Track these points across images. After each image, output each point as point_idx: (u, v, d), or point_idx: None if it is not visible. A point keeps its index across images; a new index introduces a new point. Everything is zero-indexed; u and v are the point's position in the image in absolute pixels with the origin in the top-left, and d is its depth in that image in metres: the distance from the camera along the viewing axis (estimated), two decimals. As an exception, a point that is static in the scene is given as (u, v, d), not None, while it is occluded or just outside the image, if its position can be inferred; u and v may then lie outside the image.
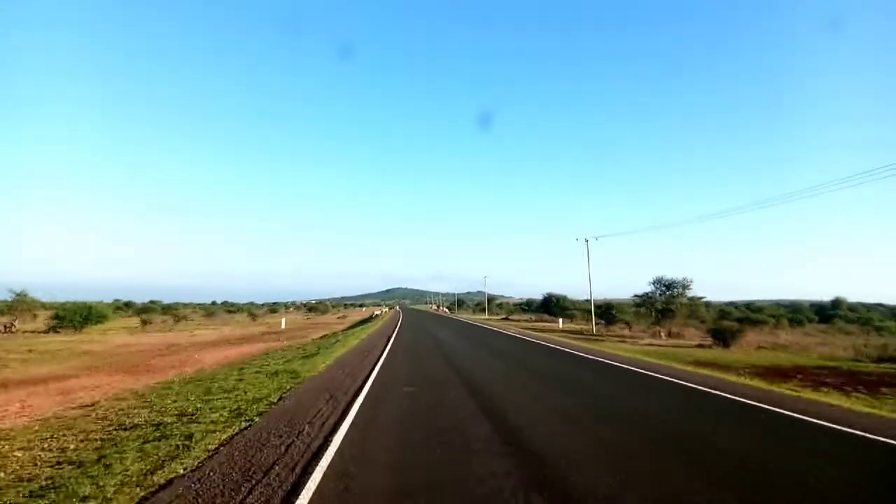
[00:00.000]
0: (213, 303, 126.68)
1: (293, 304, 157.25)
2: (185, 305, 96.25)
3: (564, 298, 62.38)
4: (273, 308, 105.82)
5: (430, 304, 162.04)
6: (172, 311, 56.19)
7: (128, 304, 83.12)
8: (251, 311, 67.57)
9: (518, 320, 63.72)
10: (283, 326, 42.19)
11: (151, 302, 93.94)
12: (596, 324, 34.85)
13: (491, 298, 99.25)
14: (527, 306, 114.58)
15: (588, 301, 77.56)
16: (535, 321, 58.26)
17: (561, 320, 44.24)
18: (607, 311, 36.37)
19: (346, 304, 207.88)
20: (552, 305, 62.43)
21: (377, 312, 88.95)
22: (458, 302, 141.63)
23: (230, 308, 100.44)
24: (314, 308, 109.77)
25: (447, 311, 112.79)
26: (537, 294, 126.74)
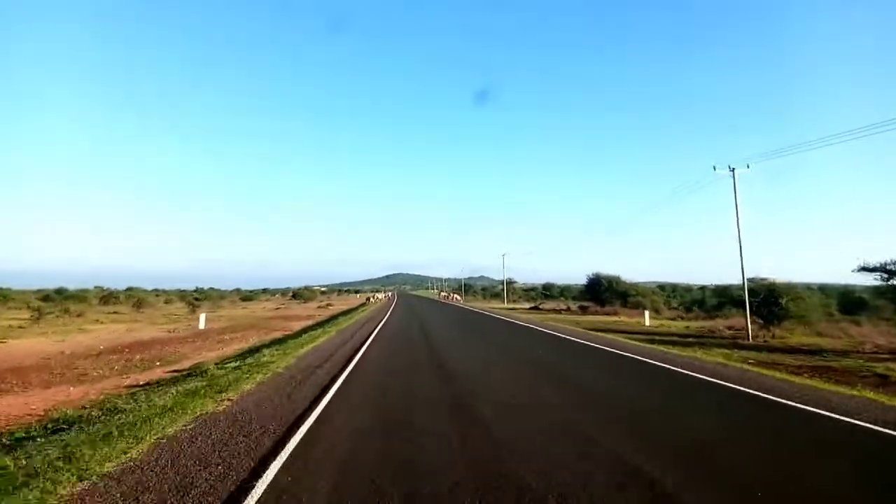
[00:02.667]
0: (197, 289, 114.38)
1: (284, 290, 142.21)
2: (166, 292, 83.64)
3: (619, 280, 45.99)
4: (248, 296, 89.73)
5: (440, 290, 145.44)
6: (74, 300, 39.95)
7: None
8: (190, 300, 51.00)
9: (556, 310, 47.49)
10: (201, 326, 25.96)
11: (129, 288, 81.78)
12: (752, 322, 18.46)
13: (507, 283, 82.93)
14: (546, 291, 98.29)
15: (654, 285, 60.71)
16: (580, 312, 42.18)
17: (647, 314, 27.89)
18: (768, 301, 19.80)
19: (339, 291, 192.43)
20: (602, 290, 46.17)
21: (379, 297, 75.18)
22: (465, 287, 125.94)
23: (198, 296, 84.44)
24: (298, 295, 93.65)
25: (458, 298, 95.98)
26: (544, 279, 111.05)
